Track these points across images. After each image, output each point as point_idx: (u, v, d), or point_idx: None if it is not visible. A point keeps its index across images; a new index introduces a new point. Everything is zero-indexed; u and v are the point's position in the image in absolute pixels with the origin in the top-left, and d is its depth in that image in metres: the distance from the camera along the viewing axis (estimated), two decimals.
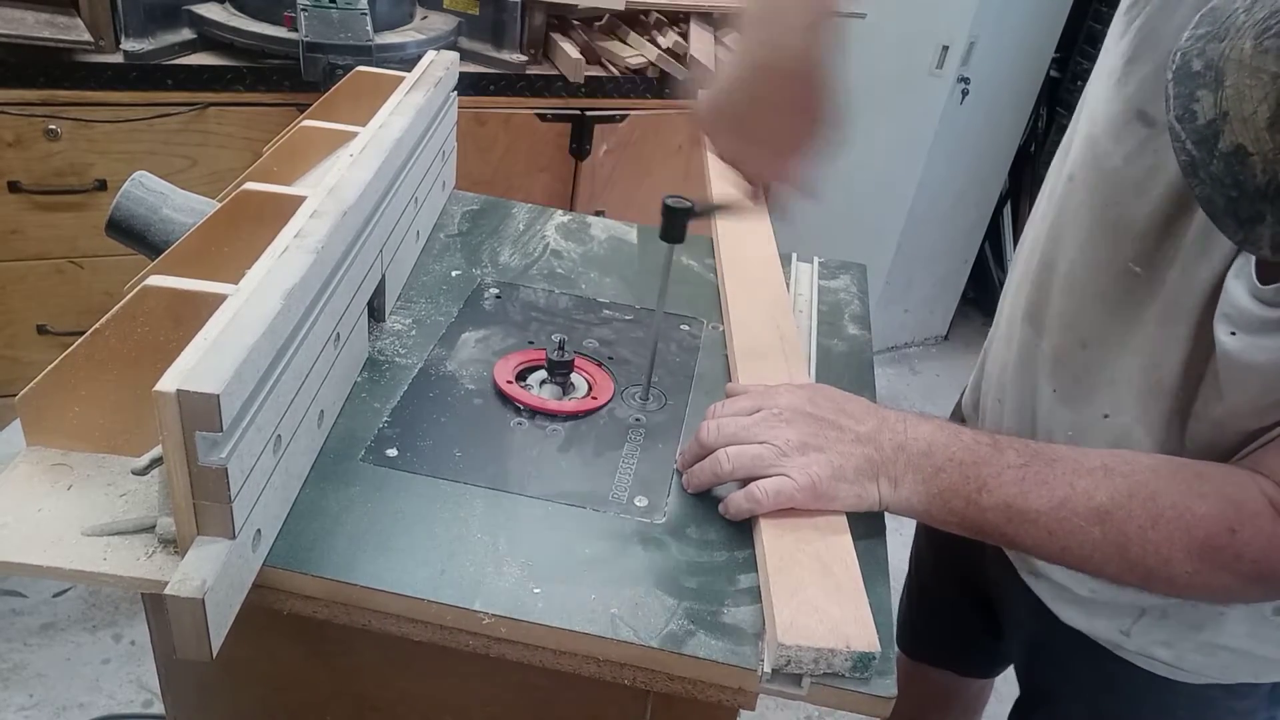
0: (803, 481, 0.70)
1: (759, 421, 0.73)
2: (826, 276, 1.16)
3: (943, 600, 1.18)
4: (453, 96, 1.14)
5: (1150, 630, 0.83)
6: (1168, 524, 0.65)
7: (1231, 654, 0.81)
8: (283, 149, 0.91)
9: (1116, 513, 0.66)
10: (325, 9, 1.60)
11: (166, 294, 0.67)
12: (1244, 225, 0.53)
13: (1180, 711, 0.86)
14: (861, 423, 0.72)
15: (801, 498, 0.70)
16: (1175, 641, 0.82)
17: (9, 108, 1.52)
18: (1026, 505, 0.68)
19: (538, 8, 1.83)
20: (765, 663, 0.64)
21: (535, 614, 0.66)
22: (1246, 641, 0.80)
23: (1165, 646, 0.83)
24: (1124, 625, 0.84)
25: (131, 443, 0.70)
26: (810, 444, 0.71)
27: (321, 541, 0.69)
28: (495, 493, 0.76)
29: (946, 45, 2.51)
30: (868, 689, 0.64)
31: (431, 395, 0.85)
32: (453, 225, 1.15)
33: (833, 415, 0.73)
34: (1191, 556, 0.65)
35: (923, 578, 1.23)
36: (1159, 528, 0.65)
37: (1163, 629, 0.82)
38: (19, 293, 1.68)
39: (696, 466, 0.75)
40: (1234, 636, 0.80)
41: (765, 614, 0.67)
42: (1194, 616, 0.81)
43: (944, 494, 0.70)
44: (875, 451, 0.71)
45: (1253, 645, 0.80)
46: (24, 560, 0.62)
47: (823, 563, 0.69)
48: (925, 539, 1.20)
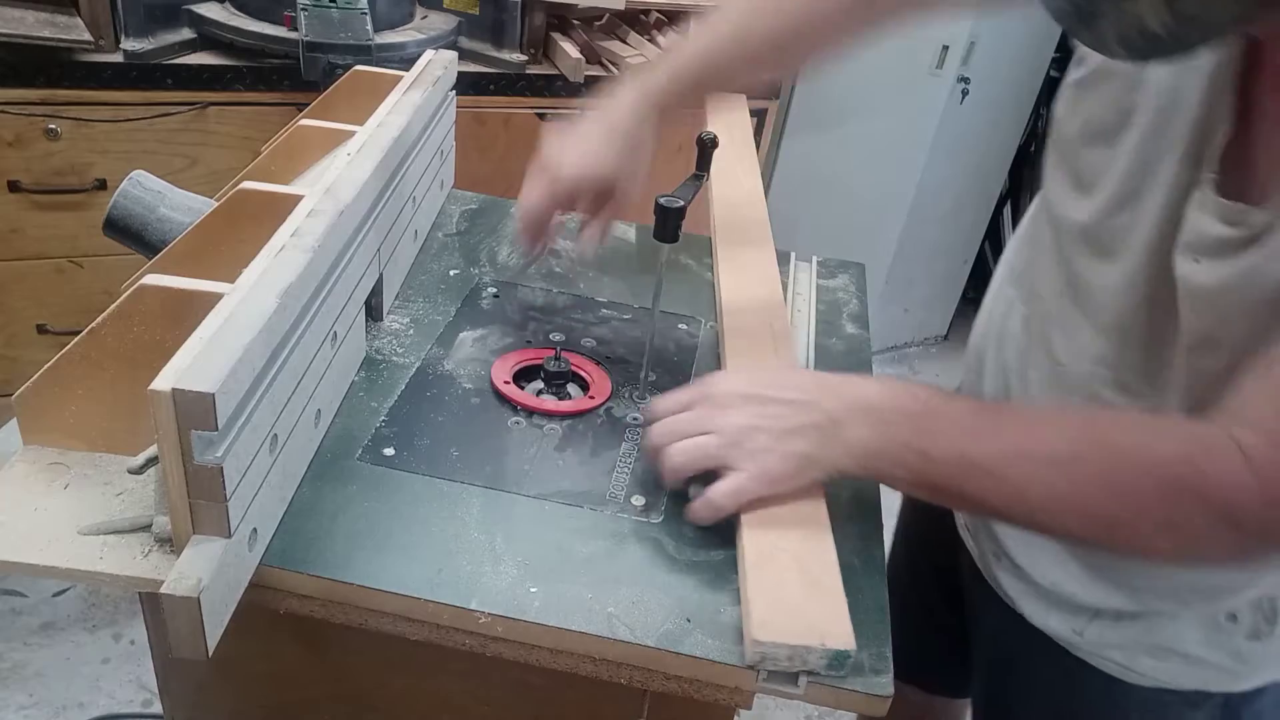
0: (754, 470, 0.69)
1: (697, 414, 0.73)
2: (825, 276, 1.16)
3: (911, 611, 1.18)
4: (451, 95, 1.14)
5: (1104, 632, 0.82)
6: (1131, 466, 0.63)
7: (1183, 660, 0.79)
8: (280, 148, 0.91)
9: (1076, 456, 0.64)
10: (325, 8, 1.60)
11: (163, 293, 0.67)
12: (1088, 26, 0.55)
13: (1132, 714, 0.84)
14: (802, 392, 0.71)
15: (757, 487, 0.70)
16: (1128, 644, 0.81)
17: (9, 107, 1.52)
18: (980, 453, 0.65)
19: (538, 7, 1.83)
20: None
21: (532, 613, 0.66)
22: (1199, 648, 0.79)
23: (1118, 649, 0.82)
24: (1078, 625, 0.83)
25: (128, 441, 0.69)
26: (753, 425, 0.70)
27: (318, 540, 0.69)
28: (492, 492, 0.76)
29: (946, 45, 2.51)
30: (865, 688, 0.64)
31: (429, 394, 0.85)
32: (451, 224, 1.15)
33: (772, 391, 0.72)
34: (1159, 499, 0.62)
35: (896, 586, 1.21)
36: (1121, 471, 0.63)
37: (1115, 631, 0.81)
38: (18, 292, 1.68)
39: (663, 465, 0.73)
40: (1187, 642, 0.79)
41: (742, 610, 0.67)
42: (1148, 619, 0.80)
43: (894, 447, 0.68)
44: (819, 416, 0.69)
45: (1205, 652, 0.79)
46: (20, 559, 0.62)
47: (801, 560, 0.69)
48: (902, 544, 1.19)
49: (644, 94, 0.91)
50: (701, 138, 0.88)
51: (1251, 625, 0.78)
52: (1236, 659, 0.79)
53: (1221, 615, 0.78)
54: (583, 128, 0.90)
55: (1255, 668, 0.80)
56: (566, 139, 0.91)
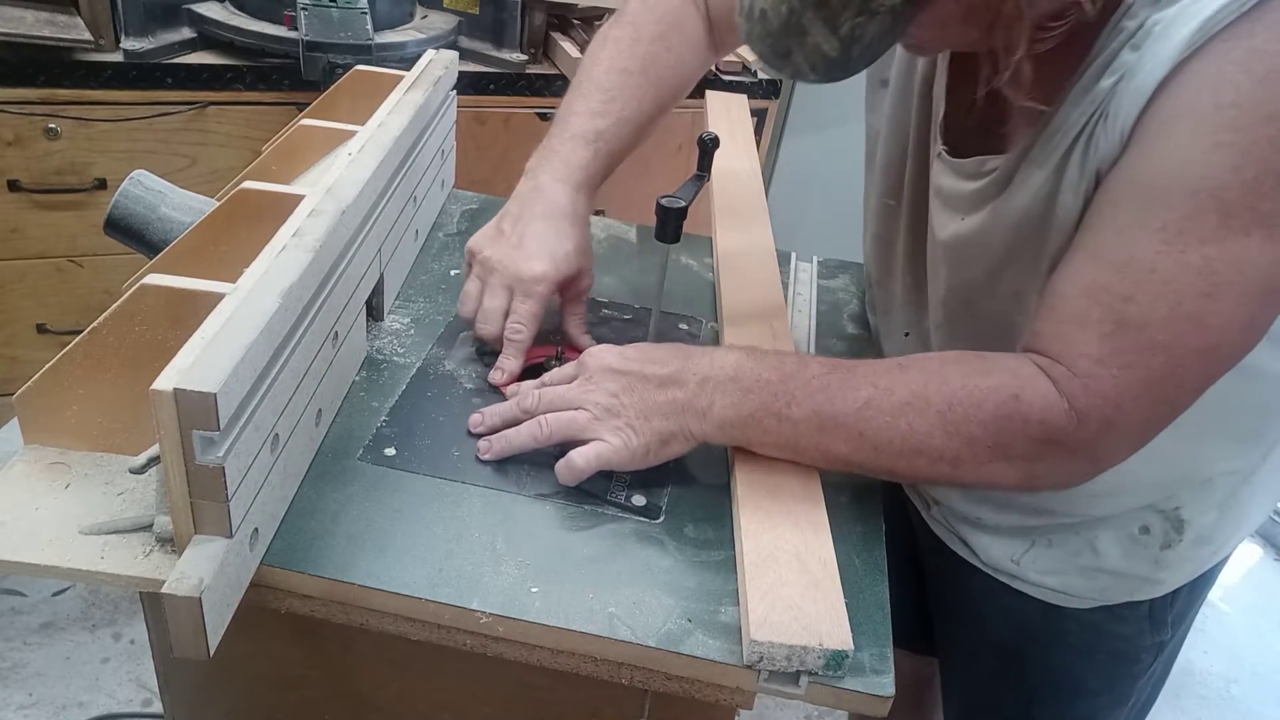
0: (616, 443, 0.74)
1: (575, 387, 0.77)
2: (826, 276, 1.16)
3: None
4: (451, 95, 1.14)
5: (1038, 559, 0.88)
6: (961, 404, 0.69)
7: (1109, 575, 0.87)
8: (281, 148, 0.91)
9: (916, 402, 0.70)
10: (325, 8, 1.60)
11: (164, 293, 0.67)
12: (786, 63, 0.66)
13: (1071, 637, 0.91)
14: (665, 365, 0.76)
15: (618, 458, 0.74)
16: (1060, 569, 0.88)
17: (9, 106, 1.52)
18: (834, 410, 0.72)
19: (538, 7, 1.83)
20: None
21: (533, 613, 0.66)
22: (1120, 562, 0.86)
23: (1053, 574, 0.89)
24: (1015, 554, 0.89)
25: (129, 441, 0.70)
26: (618, 401, 0.75)
27: (319, 540, 0.69)
28: (493, 492, 0.76)
29: None
30: (865, 688, 0.64)
31: (430, 394, 0.85)
32: (452, 224, 1.15)
33: (638, 366, 0.76)
34: (988, 430, 0.69)
35: None
36: (955, 409, 0.69)
37: (1049, 557, 0.88)
38: (18, 291, 1.68)
39: (513, 431, 0.78)
40: (1108, 558, 0.86)
41: (740, 610, 0.67)
42: (1074, 543, 0.87)
43: (755, 414, 0.73)
44: (680, 390, 0.74)
45: (1126, 565, 0.86)
46: (22, 559, 0.62)
47: (801, 560, 0.69)
48: None
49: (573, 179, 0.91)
50: (702, 138, 0.88)
51: (1163, 536, 0.85)
52: (1155, 567, 0.87)
53: (1135, 528, 0.85)
54: (529, 227, 0.88)
55: (1173, 573, 0.88)
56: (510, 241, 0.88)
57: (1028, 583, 0.90)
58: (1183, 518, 0.85)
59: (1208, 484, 0.84)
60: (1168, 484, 0.84)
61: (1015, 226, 0.74)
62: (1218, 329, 0.65)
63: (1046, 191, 0.71)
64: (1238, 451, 0.83)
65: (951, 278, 0.83)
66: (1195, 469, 0.83)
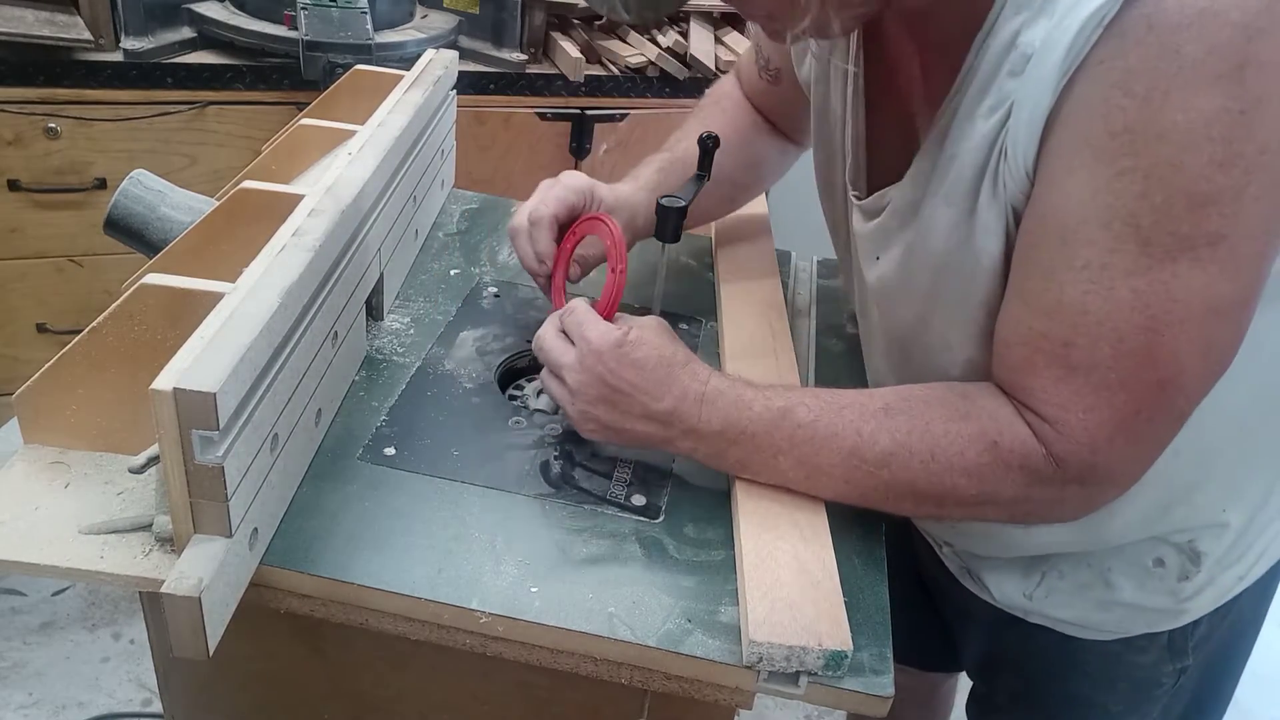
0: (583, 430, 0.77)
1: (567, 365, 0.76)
2: (826, 275, 1.16)
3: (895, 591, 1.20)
4: (451, 95, 1.14)
5: (1051, 593, 0.86)
6: (944, 452, 0.69)
7: (1125, 608, 0.85)
8: (281, 147, 0.91)
9: (900, 453, 0.70)
10: (325, 8, 1.60)
11: (164, 292, 0.67)
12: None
13: (1089, 667, 0.90)
14: (658, 400, 0.74)
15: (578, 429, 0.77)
16: (1074, 602, 0.86)
17: (8, 106, 1.52)
18: (820, 462, 0.72)
19: (538, 6, 1.83)
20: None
21: (532, 613, 0.66)
22: (1136, 595, 0.84)
23: (1067, 608, 0.87)
24: (1027, 589, 0.87)
25: (129, 441, 0.69)
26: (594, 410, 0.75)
27: (319, 540, 0.69)
28: (493, 492, 0.76)
29: None
30: (865, 688, 0.64)
31: (429, 394, 0.85)
32: (451, 224, 1.15)
33: (629, 388, 0.74)
34: (971, 477, 0.69)
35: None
36: (938, 459, 0.69)
37: (1061, 590, 0.86)
38: (18, 291, 1.68)
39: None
40: (1124, 591, 0.84)
41: (740, 610, 0.67)
42: (1085, 575, 0.84)
43: (740, 461, 0.75)
44: (663, 431, 0.74)
45: (1144, 598, 0.84)
46: (21, 558, 0.62)
47: (800, 561, 0.69)
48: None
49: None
50: (702, 138, 0.88)
51: (1179, 568, 0.82)
52: (1173, 599, 0.84)
53: (1149, 561, 0.83)
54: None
55: (1194, 604, 0.85)
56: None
57: (1044, 616, 0.88)
58: (1198, 550, 0.82)
59: (1220, 516, 0.81)
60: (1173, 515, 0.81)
61: (935, 270, 0.73)
62: (1170, 361, 0.62)
63: (962, 235, 0.69)
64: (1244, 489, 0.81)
65: (884, 320, 0.83)
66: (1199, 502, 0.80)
